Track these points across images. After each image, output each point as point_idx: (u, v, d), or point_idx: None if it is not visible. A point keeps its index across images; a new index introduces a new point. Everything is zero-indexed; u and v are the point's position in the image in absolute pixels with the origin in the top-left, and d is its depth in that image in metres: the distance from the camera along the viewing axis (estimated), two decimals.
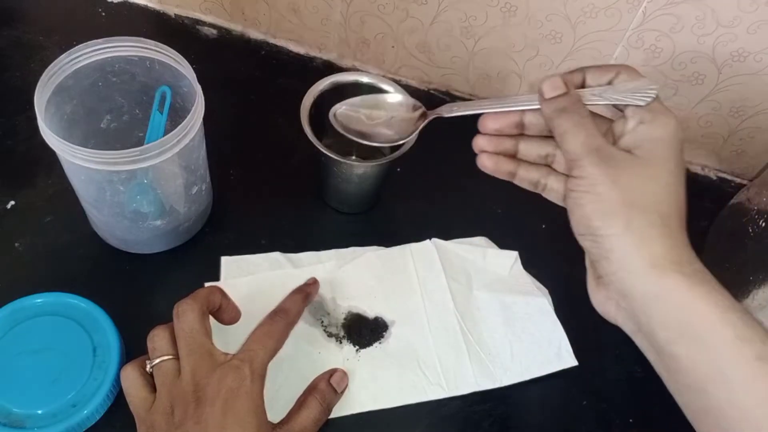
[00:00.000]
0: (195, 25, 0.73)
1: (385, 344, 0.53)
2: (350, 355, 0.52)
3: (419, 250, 0.58)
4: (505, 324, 0.54)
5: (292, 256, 0.56)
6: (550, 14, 0.60)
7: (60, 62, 0.47)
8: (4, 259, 0.54)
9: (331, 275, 0.55)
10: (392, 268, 0.57)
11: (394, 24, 0.66)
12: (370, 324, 0.53)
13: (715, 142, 0.67)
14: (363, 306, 0.54)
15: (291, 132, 0.55)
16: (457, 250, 0.58)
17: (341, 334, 0.53)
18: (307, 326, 0.52)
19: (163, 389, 0.41)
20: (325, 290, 0.54)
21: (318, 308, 0.53)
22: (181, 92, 0.51)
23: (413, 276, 0.56)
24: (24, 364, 0.47)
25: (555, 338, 0.54)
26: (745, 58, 0.58)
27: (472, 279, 0.57)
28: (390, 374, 0.51)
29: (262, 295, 0.51)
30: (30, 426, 0.45)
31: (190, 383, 0.40)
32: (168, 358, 0.42)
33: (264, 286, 0.54)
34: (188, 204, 0.53)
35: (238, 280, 0.54)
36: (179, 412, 0.40)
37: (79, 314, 0.49)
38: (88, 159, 0.43)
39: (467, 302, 0.56)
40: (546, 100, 0.41)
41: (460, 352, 0.53)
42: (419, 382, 0.51)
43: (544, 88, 0.41)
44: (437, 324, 0.54)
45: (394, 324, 0.54)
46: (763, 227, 0.51)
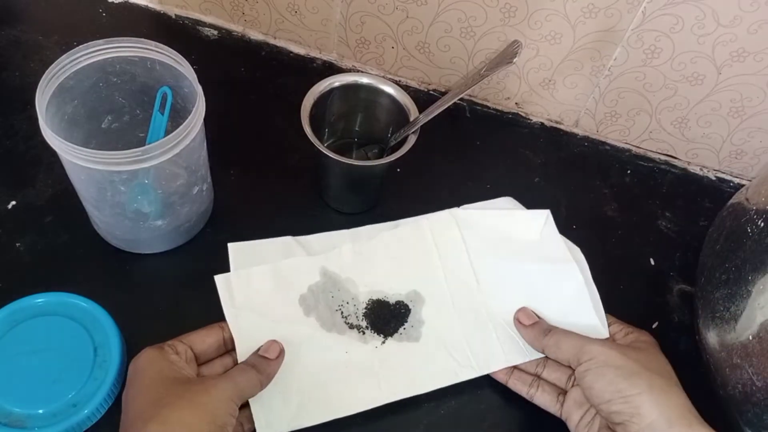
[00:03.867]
0: (195, 25, 0.73)
1: (409, 329, 0.52)
2: (377, 345, 0.51)
3: (437, 224, 0.56)
4: (533, 296, 0.53)
5: (303, 240, 0.54)
6: (549, 14, 0.60)
7: (61, 63, 0.47)
8: (5, 259, 0.54)
9: (347, 260, 0.53)
10: (411, 248, 0.55)
11: (394, 24, 0.66)
12: (391, 310, 0.52)
13: (714, 142, 0.67)
14: (383, 290, 0.53)
15: (291, 132, 0.55)
16: (479, 217, 0.56)
17: (364, 324, 0.51)
18: (327, 320, 0.51)
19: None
20: (341, 277, 0.53)
21: (337, 295, 0.52)
22: (182, 93, 0.51)
23: (433, 254, 0.54)
24: (24, 364, 0.47)
25: (583, 309, 0.52)
26: (745, 58, 0.58)
27: (498, 249, 0.55)
28: (418, 360, 0.50)
29: (277, 287, 0.50)
30: (30, 426, 0.45)
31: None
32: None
33: (279, 277, 0.52)
34: (189, 204, 0.53)
35: (251, 270, 0.52)
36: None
37: (80, 314, 0.49)
38: (90, 159, 0.43)
39: (492, 276, 0.54)
40: (527, 327, 0.51)
41: (486, 329, 0.52)
42: (449, 365, 0.50)
43: (521, 317, 0.51)
44: (462, 303, 0.53)
45: (416, 306, 0.52)
46: (762, 227, 0.51)
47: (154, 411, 0.39)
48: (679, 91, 0.63)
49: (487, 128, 0.70)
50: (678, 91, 0.63)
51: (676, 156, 0.70)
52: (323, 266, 0.53)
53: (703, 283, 0.57)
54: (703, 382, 0.54)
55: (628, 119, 0.67)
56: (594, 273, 0.54)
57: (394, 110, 0.58)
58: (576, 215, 0.63)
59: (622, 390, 0.44)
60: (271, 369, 0.46)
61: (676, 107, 0.64)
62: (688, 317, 0.59)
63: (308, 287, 0.52)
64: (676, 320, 0.58)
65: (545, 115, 0.71)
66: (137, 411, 0.40)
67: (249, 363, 0.46)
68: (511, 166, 0.67)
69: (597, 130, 0.70)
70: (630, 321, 0.52)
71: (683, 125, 0.66)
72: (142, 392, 0.41)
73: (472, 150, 0.68)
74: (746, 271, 0.50)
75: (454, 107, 0.57)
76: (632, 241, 0.63)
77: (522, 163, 0.67)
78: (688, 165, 0.70)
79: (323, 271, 0.53)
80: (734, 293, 0.51)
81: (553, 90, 0.67)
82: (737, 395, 0.49)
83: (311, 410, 0.47)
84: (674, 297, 0.60)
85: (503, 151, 0.68)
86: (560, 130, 0.71)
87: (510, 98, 0.70)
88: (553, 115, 0.70)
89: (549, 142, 0.70)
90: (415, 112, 0.57)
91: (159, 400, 0.40)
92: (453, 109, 0.56)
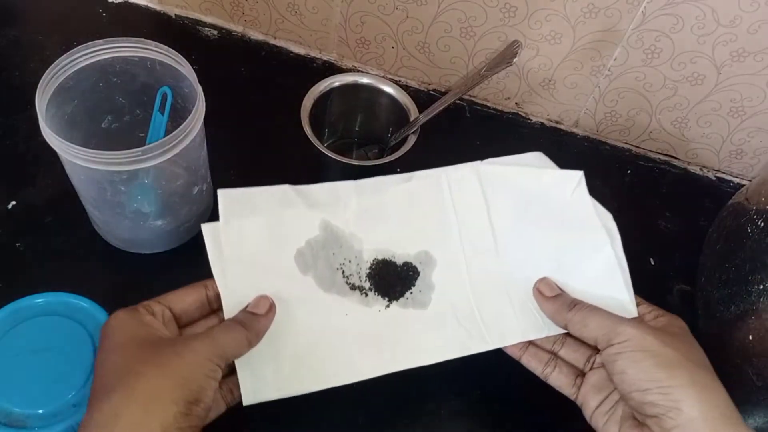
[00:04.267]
0: (195, 25, 0.73)
1: (417, 294, 0.47)
2: (380, 309, 0.46)
3: (457, 178, 0.50)
4: (557, 265, 0.48)
5: (304, 190, 0.48)
6: (549, 14, 0.60)
7: (61, 63, 0.47)
8: (5, 259, 0.54)
9: (351, 215, 0.48)
10: (424, 204, 0.49)
11: (394, 24, 0.66)
12: (398, 271, 0.47)
13: (714, 142, 0.67)
14: (390, 250, 0.48)
15: (291, 132, 0.55)
16: (506, 174, 0.50)
17: (367, 286, 0.47)
18: (326, 279, 0.46)
19: None
20: (345, 233, 0.48)
21: (338, 252, 0.47)
22: (182, 93, 0.51)
23: (449, 212, 0.49)
24: (24, 364, 0.47)
25: (612, 283, 0.47)
26: (745, 58, 0.58)
27: (522, 211, 0.49)
28: (425, 328, 0.46)
29: (272, 241, 0.45)
30: (30, 426, 0.45)
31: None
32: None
33: (274, 229, 0.46)
34: (189, 204, 0.53)
35: (242, 221, 0.46)
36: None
37: (80, 314, 0.49)
38: (90, 159, 0.43)
39: (513, 240, 0.49)
40: (549, 299, 0.46)
41: (502, 299, 0.47)
42: (458, 335, 0.46)
43: (543, 288, 0.46)
44: (477, 268, 0.48)
45: (426, 270, 0.48)
46: (762, 227, 0.51)
47: (117, 380, 0.35)
48: (679, 91, 0.63)
49: (487, 128, 0.70)
50: (678, 91, 0.63)
51: (676, 156, 0.70)
52: (325, 219, 0.48)
53: (703, 283, 0.57)
54: None
55: (628, 119, 0.67)
56: None
57: (394, 110, 0.58)
58: None
59: (661, 380, 0.40)
60: (261, 326, 0.41)
61: (676, 107, 0.64)
62: (688, 317, 0.58)
63: (306, 242, 0.47)
64: None
65: (545, 115, 0.71)
66: (101, 381, 0.37)
67: (235, 319, 0.41)
68: None
69: (597, 130, 0.70)
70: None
71: (683, 125, 0.66)
72: (109, 359, 0.37)
73: (472, 150, 0.67)
74: (746, 271, 0.50)
75: (454, 107, 0.57)
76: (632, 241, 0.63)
77: None
78: (688, 165, 0.70)
79: (324, 225, 0.48)
80: (734, 293, 0.51)
81: (553, 90, 0.67)
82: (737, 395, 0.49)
83: (304, 377, 0.43)
84: (674, 297, 0.60)
85: (503, 151, 0.68)
86: (560, 130, 0.71)
87: (510, 98, 0.70)
88: (553, 115, 0.70)
89: (549, 142, 0.70)
90: (415, 112, 0.57)
91: (124, 367, 0.36)
92: (453, 109, 0.56)
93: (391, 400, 0.50)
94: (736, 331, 0.50)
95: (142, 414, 0.35)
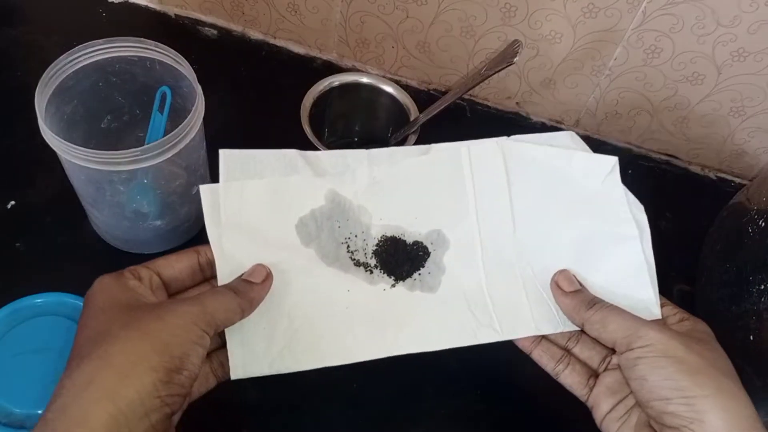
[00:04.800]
0: (195, 25, 0.73)
1: (425, 276, 0.44)
2: (385, 287, 0.44)
3: (479, 155, 0.46)
4: (579, 258, 0.45)
5: (312, 156, 0.45)
6: (550, 14, 0.60)
7: (60, 62, 0.47)
8: (4, 259, 0.54)
9: (361, 186, 0.45)
10: (441, 179, 0.46)
11: (394, 24, 0.66)
12: (407, 250, 0.45)
13: (715, 142, 0.67)
14: (401, 227, 0.45)
15: (291, 132, 0.55)
16: (533, 153, 0.47)
17: (373, 263, 0.44)
18: (329, 252, 0.44)
19: None
20: (353, 204, 0.45)
21: (344, 225, 0.45)
22: (182, 92, 0.51)
23: (468, 189, 0.46)
24: (24, 364, 0.47)
25: (638, 281, 0.44)
26: (745, 58, 0.58)
27: (547, 194, 0.46)
28: (432, 313, 0.43)
29: (273, 207, 0.43)
30: (30, 426, 0.45)
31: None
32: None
33: (277, 195, 0.43)
34: (188, 204, 0.53)
35: (244, 183, 0.43)
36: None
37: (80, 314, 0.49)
38: (89, 159, 0.43)
39: (535, 226, 0.46)
40: (568, 294, 0.43)
41: (517, 289, 0.44)
42: (468, 323, 0.43)
43: (562, 282, 0.43)
44: (492, 253, 0.45)
45: (438, 251, 0.45)
46: (762, 227, 0.51)
47: (93, 345, 0.33)
48: (680, 91, 0.63)
49: (488, 128, 0.69)
50: (678, 90, 0.63)
51: (677, 156, 0.70)
52: (332, 189, 0.45)
53: (703, 283, 0.57)
54: None
55: (629, 119, 0.67)
56: None
57: (394, 110, 0.58)
58: None
59: (685, 389, 0.37)
60: (256, 294, 0.39)
61: (677, 107, 0.64)
62: None
63: (311, 211, 0.44)
64: None
65: (546, 114, 0.71)
66: (77, 347, 0.34)
67: (228, 286, 0.39)
68: None
69: (598, 130, 0.70)
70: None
71: (684, 125, 0.66)
72: (87, 324, 0.34)
73: None
74: (746, 271, 0.50)
75: (455, 107, 0.57)
76: None
77: None
78: (688, 165, 0.70)
79: (332, 195, 0.45)
80: (734, 293, 0.51)
81: (554, 90, 0.67)
82: None
83: (298, 354, 0.40)
84: (674, 297, 0.60)
85: None
86: (561, 130, 0.70)
87: (510, 98, 0.70)
88: (553, 115, 0.70)
89: None
90: (415, 112, 0.57)
91: (102, 332, 0.33)
92: (453, 109, 0.56)
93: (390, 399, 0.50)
94: (737, 331, 0.50)
95: (118, 380, 0.32)
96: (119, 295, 0.36)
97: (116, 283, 0.37)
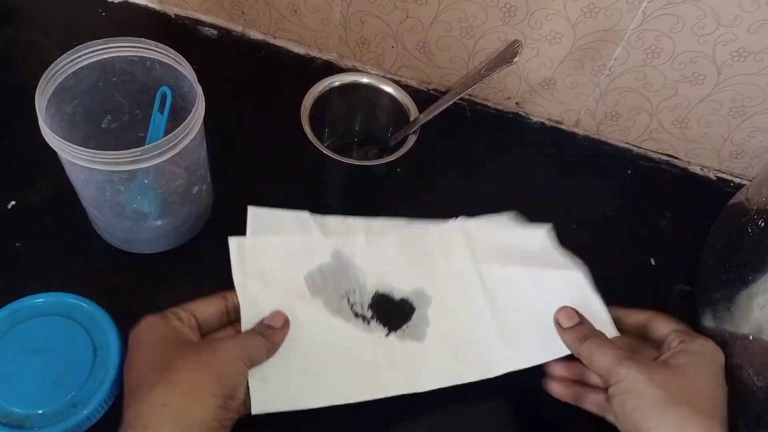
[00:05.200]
0: (195, 25, 0.73)
1: (413, 327, 0.51)
2: (381, 336, 0.50)
3: (444, 231, 0.56)
4: (540, 300, 0.51)
5: (321, 220, 0.54)
6: (549, 14, 0.60)
7: (60, 62, 0.47)
8: (5, 259, 0.54)
9: (359, 249, 0.53)
10: (419, 248, 0.55)
11: (394, 24, 0.66)
12: (397, 306, 0.51)
13: (715, 142, 0.67)
14: (391, 284, 0.52)
15: (291, 132, 0.55)
16: (485, 228, 0.56)
17: (369, 315, 0.51)
18: (333, 303, 0.50)
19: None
20: (353, 263, 0.52)
21: (345, 281, 0.51)
22: (182, 92, 0.51)
23: (440, 257, 0.54)
24: (24, 364, 0.47)
25: (593, 313, 0.50)
26: (745, 58, 0.58)
27: (503, 256, 0.54)
28: (421, 359, 0.50)
29: (288, 261, 0.50)
30: (30, 426, 0.45)
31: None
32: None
33: (292, 251, 0.51)
34: (189, 204, 0.53)
35: (266, 238, 0.51)
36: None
37: (80, 314, 0.49)
38: (89, 159, 0.43)
39: (498, 280, 0.53)
40: (565, 330, 0.47)
41: (491, 333, 0.51)
42: (452, 366, 0.50)
43: (561, 319, 0.48)
44: (466, 305, 0.52)
45: (421, 306, 0.52)
46: (762, 227, 0.51)
47: (160, 375, 0.38)
48: (680, 90, 0.63)
49: (488, 128, 0.70)
50: (678, 90, 0.63)
51: (677, 156, 0.70)
52: (337, 249, 0.53)
53: (703, 283, 0.57)
54: None
55: (629, 119, 0.67)
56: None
57: (394, 110, 0.58)
58: (576, 215, 0.63)
59: (636, 424, 0.41)
60: (277, 337, 0.45)
61: (677, 107, 0.64)
62: (688, 317, 0.58)
63: (318, 266, 0.51)
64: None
65: (545, 114, 0.71)
66: (141, 377, 0.39)
67: (255, 330, 0.45)
68: (511, 166, 0.67)
69: (597, 130, 0.70)
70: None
71: (684, 125, 0.66)
72: (145, 357, 0.40)
73: (472, 150, 0.68)
74: (746, 271, 0.50)
75: (455, 107, 0.57)
76: (632, 241, 0.63)
77: (522, 163, 0.67)
78: (688, 165, 0.70)
79: (336, 254, 0.52)
80: (734, 293, 0.51)
81: (554, 90, 0.67)
82: (737, 395, 0.49)
83: (310, 393, 0.46)
84: (674, 297, 0.60)
85: (503, 151, 0.68)
86: (560, 130, 0.71)
87: (510, 98, 0.70)
88: (553, 115, 0.70)
89: (549, 142, 0.70)
90: (415, 112, 0.57)
91: (163, 363, 0.39)
92: (453, 109, 0.56)
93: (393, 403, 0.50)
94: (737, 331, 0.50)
95: (187, 404, 0.37)
96: (167, 333, 0.41)
97: (162, 322, 0.42)
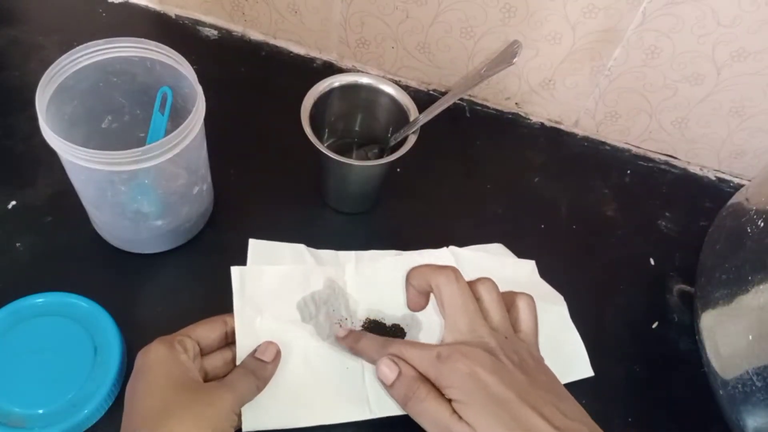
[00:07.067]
0: (195, 25, 0.73)
1: None
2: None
3: (434, 258, 0.56)
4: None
5: (315, 252, 0.56)
6: (549, 14, 0.60)
7: (61, 63, 0.47)
8: (5, 259, 0.54)
9: (350, 278, 0.54)
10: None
11: (394, 24, 0.66)
12: (388, 331, 0.52)
13: (714, 142, 0.67)
14: (382, 311, 0.53)
15: (291, 132, 0.55)
16: (475, 258, 0.57)
17: None
18: (324, 329, 0.51)
19: None
20: (345, 291, 0.53)
21: (337, 308, 0.52)
22: (182, 93, 0.51)
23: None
24: (24, 364, 0.47)
25: (573, 348, 0.53)
26: (745, 58, 0.58)
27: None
28: None
29: (283, 289, 0.51)
30: (30, 426, 0.45)
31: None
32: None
33: (287, 279, 0.53)
34: (189, 204, 0.53)
35: (264, 268, 0.53)
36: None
37: (80, 314, 0.49)
38: (90, 159, 0.43)
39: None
40: (390, 387, 0.45)
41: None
42: None
43: (382, 375, 0.46)
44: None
45: (412, 330, 0.53)
46: (761, 227, 0.51)
47: (161, 420, 0.40)
48: (679, 91, 0.63)
49: (487, 128, 0.70)
50: (678, 91, 0.63)
51: (676, 156, 0.70)
52: (330, 278, 0.54)
53: (703, 283, 0.57)
54: (703, 382, 0.54)
55: (628, 119, 0.68)
56: (594, 273, 0.54)
57: (394, 110, 0.58)
58: (576, 215, 0.63)
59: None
60: (268, 373, 0.47)
61: (676, 107, 0.64)
62: (688, 317, 0.59)
63: (311, 294, 0.53)
64: (676, 320, 0.58)
65: (545, 115, 0.71)
66: (143, 415, 0.41)
67: (248, 368, 0.46)
68: (511, 166, 0.67)
69: (597, 130, 0.70)
70: (630, 321, 0.52)
71: (683, 125, 0.66)
72: (150, 394, 0.42)
73: (472, 150, 0.68)
74: (746, 271, 0.50)
75: (454, 107, 0.57)
76: (632, 241, 0.63)
77: (522, 163, 0.67)
78: (688, 165, 0.70)
79: (328, 283, 0.54)
80: (734, 293, 0.51)
81: (553, 90, 0.67)
82: (737, 395, 0.49)
83: (299, 413, 0.47)
84: (674, 297, 0.60)
85: (503, 151, 0.68)
86: (560, 130, 0.71)
87: (510, 98, 0.70)
88: (553, 115, 0.70)
89: (549, 142, 0.70)
90: (415, 112, 0.57)
91: (166, 408, 0.41)
92: (453, 109, 0.56)
93: None
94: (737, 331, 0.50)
95: None
96: (174, 371, 0.43)
97: (170, 356, 0.43)
